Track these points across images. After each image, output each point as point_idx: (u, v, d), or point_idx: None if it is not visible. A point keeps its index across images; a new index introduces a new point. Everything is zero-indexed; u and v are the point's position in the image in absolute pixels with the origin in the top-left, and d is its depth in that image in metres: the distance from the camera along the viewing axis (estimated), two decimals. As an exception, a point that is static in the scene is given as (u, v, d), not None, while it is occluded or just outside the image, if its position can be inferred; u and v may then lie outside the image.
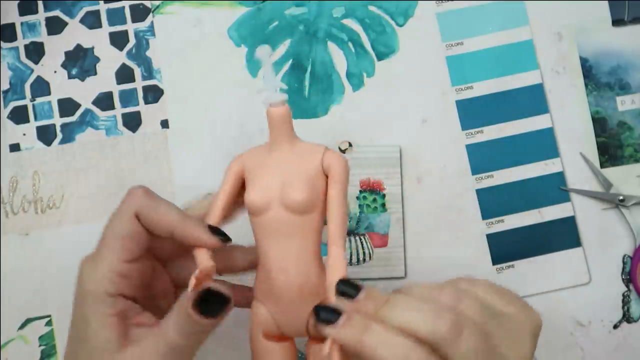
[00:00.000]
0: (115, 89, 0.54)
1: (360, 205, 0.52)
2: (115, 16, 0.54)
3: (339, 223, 0.38)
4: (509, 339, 0.35)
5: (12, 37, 0.54)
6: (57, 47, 0.54)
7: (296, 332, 0.40)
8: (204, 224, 0.39)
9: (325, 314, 0.34)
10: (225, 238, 0.39)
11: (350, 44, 0.53)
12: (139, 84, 0.54)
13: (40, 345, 0.52)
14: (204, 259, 0.39)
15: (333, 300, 0.35)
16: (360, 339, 0.33)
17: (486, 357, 0.33)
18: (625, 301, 0.51)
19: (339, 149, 0.52)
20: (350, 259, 0.52)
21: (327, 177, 0.39)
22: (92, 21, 0.54)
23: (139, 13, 0.54)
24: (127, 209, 0.40)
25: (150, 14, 0.54)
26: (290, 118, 0.39)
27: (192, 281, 0.37)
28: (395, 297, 0.35)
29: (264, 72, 0.39)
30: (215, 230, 0.39)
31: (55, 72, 0.54)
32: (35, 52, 0.54)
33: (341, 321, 0.34)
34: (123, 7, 0.54)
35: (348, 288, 0.35)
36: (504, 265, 0.52)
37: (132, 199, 0.40)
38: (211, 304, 0.37)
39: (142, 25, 0.54)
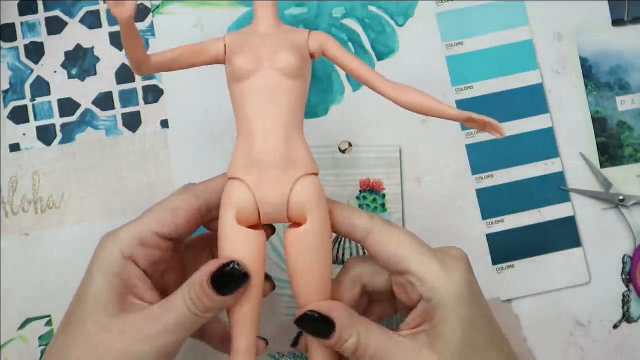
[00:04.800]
0: (115, 89, 0.54)
1: (360, 206, 0.52)
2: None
3: (371, 71, 0.40)
4: None
5: (12, 37, 0.54)
6: (57, 47, 0.54)
7: (276, 211, 0.38)
8: None
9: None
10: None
11: (350, 44, 0.53)
12: (139, 84, 0.54)
13: (40, 345, 0.52)
14: None
15: None
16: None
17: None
18: (625, 301, 0.51)
19: (339, 149, 0.52)
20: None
21: (312, 57, 0.39)
22: (92, 21, 0.54)
23: (139, 13, 0.54)
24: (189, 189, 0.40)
25: (150, 14, 0.54)
26: None
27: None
28: None
29: None
30: None
31: (55, 72, 0.54)
32: (35, 52, 0.54)
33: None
34: (123, 7, 0.54)
35: None
36: (504, 265, 0.52)
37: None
38: (228, 280, 0.36)
39: (142, 25, 0.54)
